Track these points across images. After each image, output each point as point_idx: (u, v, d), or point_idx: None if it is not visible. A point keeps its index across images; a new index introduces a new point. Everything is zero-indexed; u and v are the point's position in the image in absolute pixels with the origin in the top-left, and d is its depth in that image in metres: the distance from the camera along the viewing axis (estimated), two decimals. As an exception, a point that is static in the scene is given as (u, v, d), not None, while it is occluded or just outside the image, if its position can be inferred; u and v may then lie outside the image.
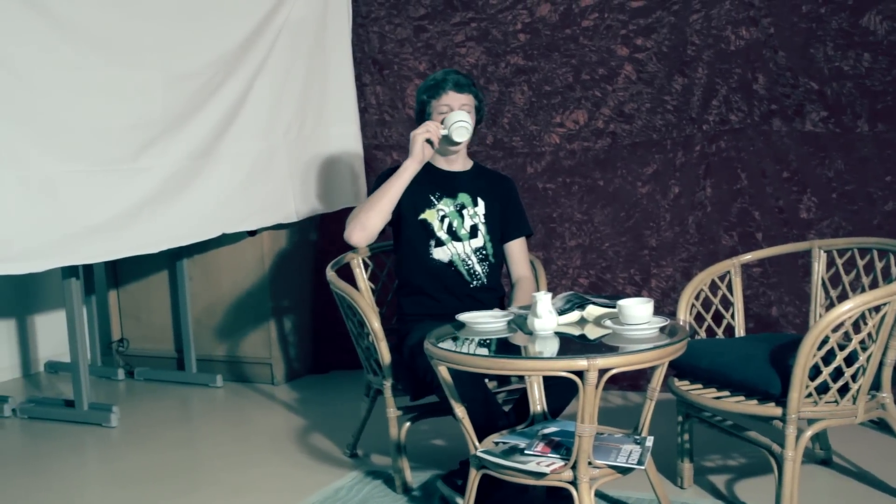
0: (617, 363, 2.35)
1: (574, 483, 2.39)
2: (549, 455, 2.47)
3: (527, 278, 3.23)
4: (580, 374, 2.33)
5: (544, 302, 2.59)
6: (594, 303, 2.75)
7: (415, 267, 3.17)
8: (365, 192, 4.60)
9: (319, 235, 4.69)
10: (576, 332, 2.66)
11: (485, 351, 2.59)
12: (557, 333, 2.62)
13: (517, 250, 3.25)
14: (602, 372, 2.34)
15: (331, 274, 3.26)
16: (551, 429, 2.65)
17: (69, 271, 3.95)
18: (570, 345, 2.59)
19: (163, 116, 3.82)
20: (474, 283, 3.15)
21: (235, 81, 4.08)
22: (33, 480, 3.36)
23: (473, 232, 3.17)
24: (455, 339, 2.66)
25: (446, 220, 3.15)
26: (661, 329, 2.58)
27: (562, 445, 2.52)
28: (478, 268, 3.16)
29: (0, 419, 4.13)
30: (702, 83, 3.95)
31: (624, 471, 2.46)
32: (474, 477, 2.57)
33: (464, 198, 3.19)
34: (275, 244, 4.48)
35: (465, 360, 2.46)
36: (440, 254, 3.14)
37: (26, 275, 3.95)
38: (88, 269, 4.85)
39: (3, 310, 4.86)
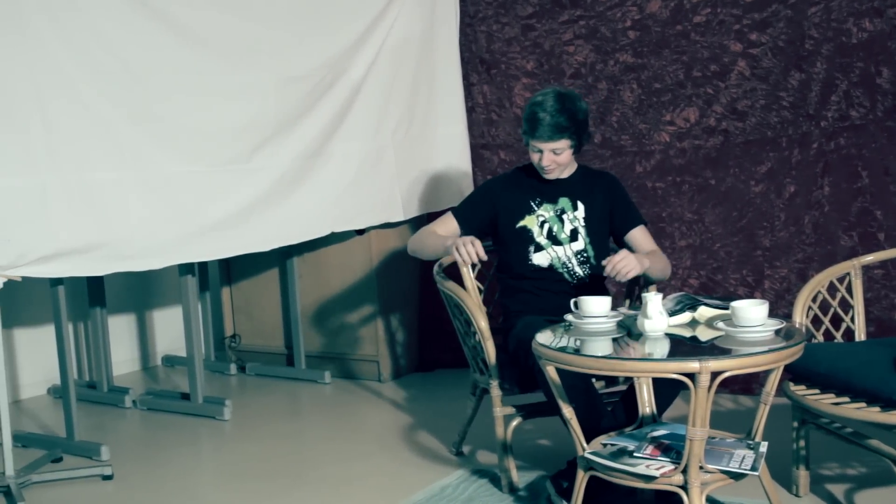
0: (730, 366, 2.29)
1: (685, 487, 2.34)
2: (659, 458, 2.43)
3: (663, 255, 3.26)
4: (692, 376, 2.28)
5: (655, 303, 2.54)
6: (706, 304, 2.69)
7: (515, 271, 3.20)
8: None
9: (426, 235, 4.71)
10: (687, 333, 2.60)
11: (595, 351, 2.56)
12: (668, 335, 2.57)
13: (639, 237, 3.24)
14: (714, 375, 2.28)
15: (439, 275, 3.28)
16: (661, 431, 2.60)
17: (185, 269, 4.07)
18: (681, 346, 2.54)
19: (275, 118, 3.90)
20: (574, 282, 3.17)
21: (345, 82, 4.14)
22: (152, 469, 3.48)
23: (573, 235, 3.19)
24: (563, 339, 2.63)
25: (546, 226, 3.18)
26: (777, 332, 2.50)
27: (672, 449, 2.47)
28: (578, 270, 3.17)
29: (121, 410, 4.30)
30: (820, 78, 3.81)
31: (736, 476, 2.40)
32: (582, 478, 2.54)
33: (564, 202, 3.21)
34: (382, 243, 4.53)
35: (574, 360, 2.43)
36: (539, 258, 3.17)
37: (145, 272, 4.09)
38: (203, 266, 4.99)
39: (123, 305, 5.05)
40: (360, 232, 4.47)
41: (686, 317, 2.67)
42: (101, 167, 3.38)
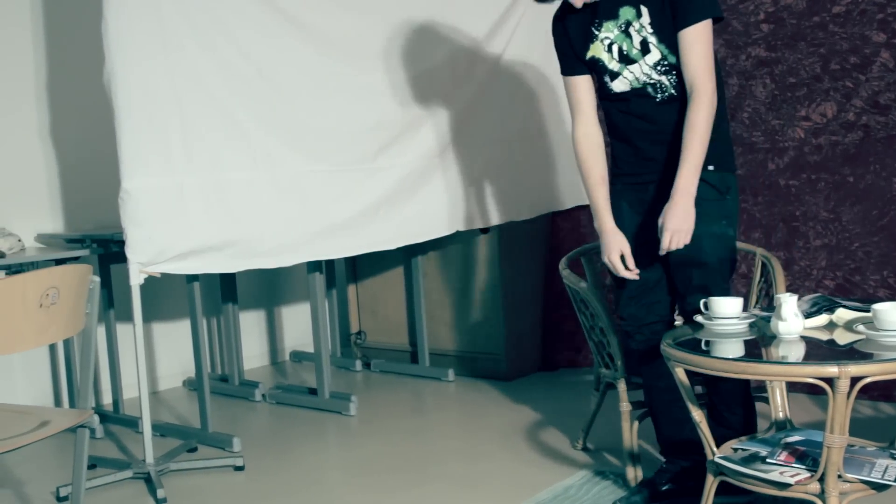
0: (872, 371, 2.18)
1: (822, 496, 2.25)
2: (794, 465, 2.34)
3: (698, 99, 2.63)
4: (830, 381, 2.19)
5: (790, 304, 2.45)
6: (844, 306, 2.57)
7: (601, 96, 2.88)
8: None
9: (551, 233, 4.68)
10: (824, 336, 2.50)
11: (726, 353, 2.48)
12: (803, 337, 2.47)
13: (688, 43, 2.65)
14: (854, 380, 2.18)
15: (565, 271, 3.26)
16: (795, 437, 2.50)
17: (313, 266, 4.16)
18: (818, 350, 2.43)
19: (401, 118, 3.95)
20: (659, 96, 2.76)
21: (470, 82, 4.16)
22: (281, 462, 3.57)
23: (645, 48, 2.73)
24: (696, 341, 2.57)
25: (614, 47, 2.77)
26: (923, 336, 2.37)
27: (807, 456, 2.37)
28: (665, 80, 2.74)
29: (251, 403, 4.43)
30: (970, 69, 3.61)
31: (879, 487, 2.29)
32: (711, 483, 2.47)
33: (626, 12, 2.74)
34: (507, 242, 4.52)
35: (704, 362, 2.37)
36: (619, 85, 2.81)
37: (274, 269, 4.20)
38: (330, 264, 5.10)
39: (254, 302, 5.20)
40: (485, 230, 4.47)
41: (823, 319, 2.56)
42: (233, 167, 3.49)
